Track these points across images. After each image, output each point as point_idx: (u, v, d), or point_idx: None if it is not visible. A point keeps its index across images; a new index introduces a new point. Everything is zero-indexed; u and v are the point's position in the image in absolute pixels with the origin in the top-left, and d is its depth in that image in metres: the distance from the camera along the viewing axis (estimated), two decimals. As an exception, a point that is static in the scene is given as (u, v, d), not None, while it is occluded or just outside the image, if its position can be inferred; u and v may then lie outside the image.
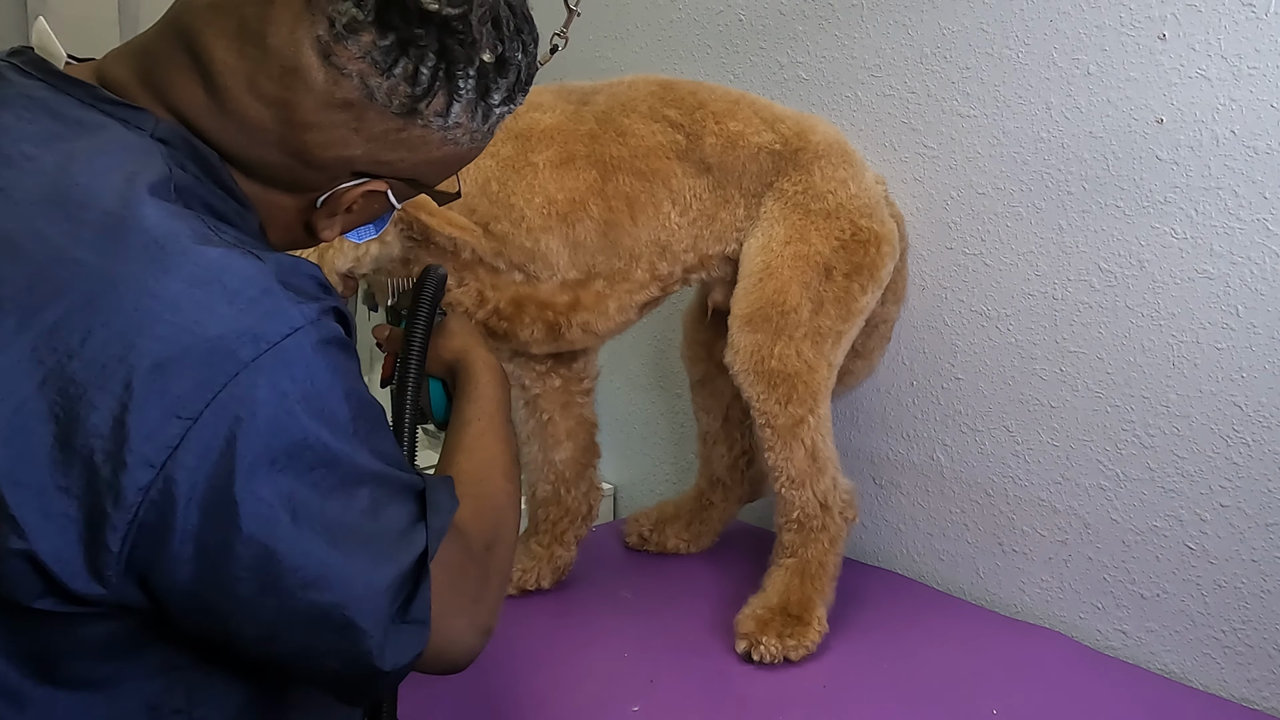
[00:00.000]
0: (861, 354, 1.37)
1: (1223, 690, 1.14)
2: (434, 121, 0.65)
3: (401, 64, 0.62)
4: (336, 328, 0.61)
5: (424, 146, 0.67)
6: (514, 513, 0.81)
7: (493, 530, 0.75)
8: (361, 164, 0.66)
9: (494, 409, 0.88)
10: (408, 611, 0.61)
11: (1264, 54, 1.05)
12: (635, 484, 1.96)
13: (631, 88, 1.21)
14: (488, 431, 0.86)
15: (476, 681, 1.11)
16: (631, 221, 1.16)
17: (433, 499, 0.65)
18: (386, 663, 0.60)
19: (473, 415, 0.87)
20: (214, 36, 0.61)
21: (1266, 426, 1.09)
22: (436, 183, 0.74)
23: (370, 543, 0.59)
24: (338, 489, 0.58)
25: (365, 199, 0.70)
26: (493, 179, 1.12)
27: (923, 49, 1.35)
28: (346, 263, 1.03)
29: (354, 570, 0.58)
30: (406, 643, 0.61)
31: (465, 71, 0.64)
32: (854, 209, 1.19)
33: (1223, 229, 1.09)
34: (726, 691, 1.10)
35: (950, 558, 1.41)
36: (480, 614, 0.69)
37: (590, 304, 1.18)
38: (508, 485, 0.82)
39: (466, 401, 0.89)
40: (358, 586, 0.58)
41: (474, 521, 0.74)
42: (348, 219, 0.72)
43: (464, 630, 0.67)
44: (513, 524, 0.79)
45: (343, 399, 0.59)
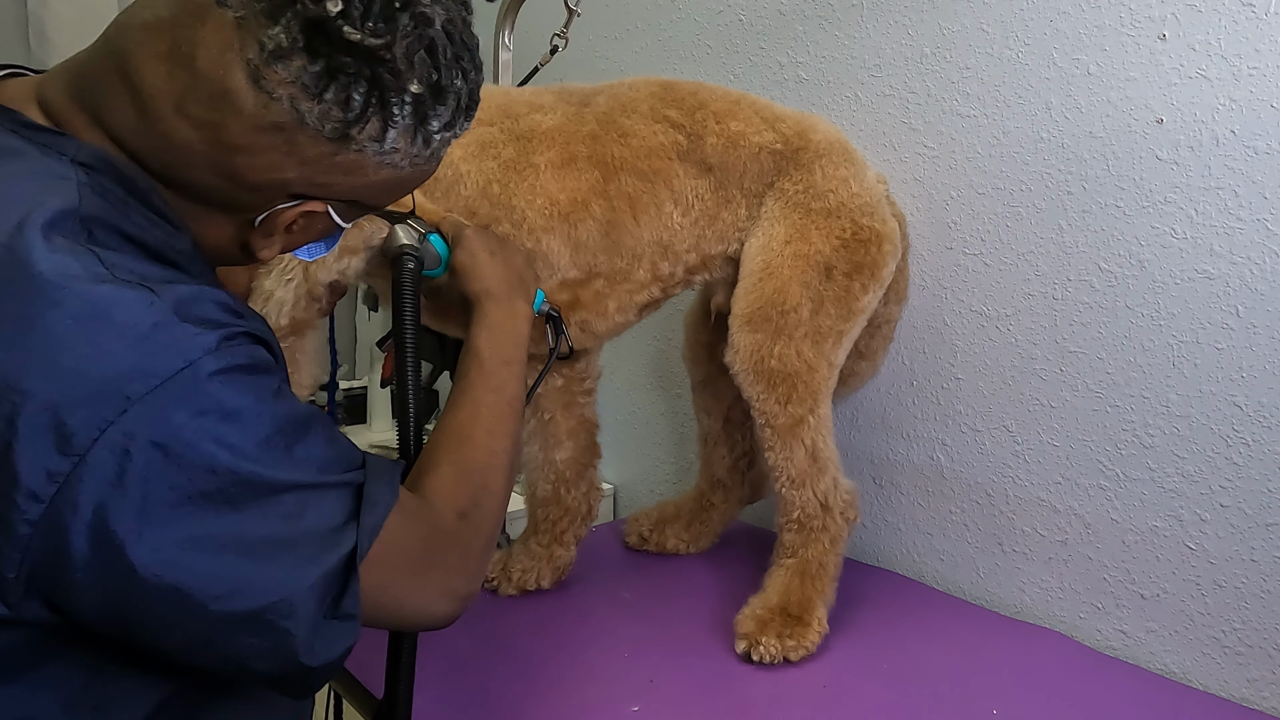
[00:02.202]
0: (865, 354, 1.37)
1: (1223, 690, 1.14)
2: (369, 146, 0.65)
3: (332, 89, 0.62)
4: (244, 352, 0.61)
5: (360, 170, 0.67)
6: (498, 470, 0.82)
7: (470, 496, 0.77)
8: (296, 186, 0.66)
9: (490, 360, 0.89)
10: (338, 607, 0.63)
11: (1264, 54, 1.05)
12: (635, 484, 1.96)
13: (632, 89, 1.21)
14: (478, 383, 0.87)
15: (476, 681, 1.11)
16: (634, 221, 1.16)
17: (370, 494, 0.66)
18: (315, 659, 0.62)
19: (469, 367, 0.89)
20: (145, 58, 0.61)
21: (1266, 426, 1.09)
22: (384, 203, 0.74)
23: (291, 547, 0.61)
24: (249, 505, 0.59)
25: (306, 219, 0.70)
26: (494, 181, 1.12)
27: (923, 49, 1.35)
28: (329, 275, 1.02)
29: (273, 576, 0.60)
30: (335, 638, 0.63)
31: (400, 99, 0.64)
32: (855, 208, 1.19)
33: (1223, 229, 1.10)
34: (726, 691, 1.10)
35: (950, 558, 1.41)
36: (452, 581, 0.73)
37: (589, 303, 1.18)
38: (491, 442, 0.83)
39: (466, 352, 0.90)
40: (278, 591, 0.60)
41: (447, 490, 0.77)
42: (289, 239, 0.72)
43: (432, 600, 0.71)
44: (496, 483, 0.81)
45: (251, 422, 0.60)
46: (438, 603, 0.72)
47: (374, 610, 0.67)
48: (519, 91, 1.24)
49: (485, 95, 1.18)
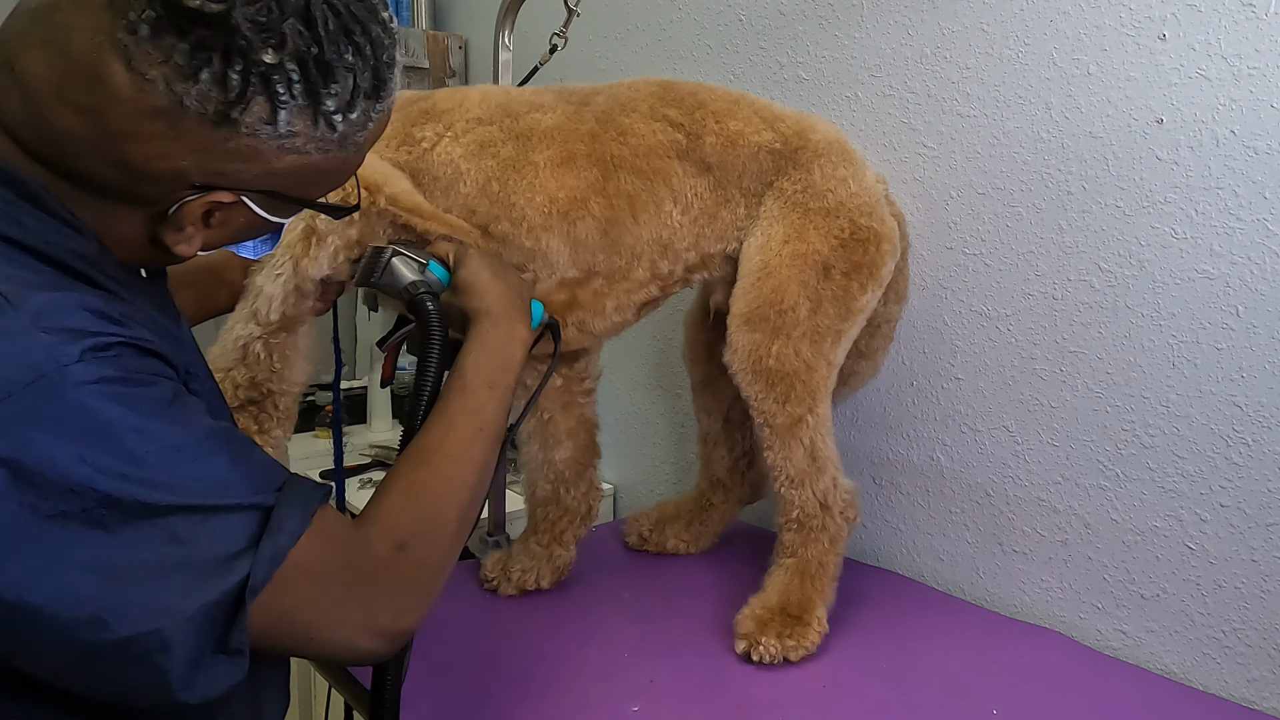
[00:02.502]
0: (865, 354, 1.37)
1: (1223, 690, 1.14)
2: (262, 130, 0.62)
3: (207, 69, 0.59)
4: (118, 363, 0.58)
5: (259, 158, 0.64)
6: (454, 499, 0.77)
7: (412, 526, 0.72)
8: (196, 175, 0.63)
9: (473, 382, 0.85)
10: (225, 642, 0.59)
11: (1264, 54, 1.05)
12: (635, 484, 1.96)
13: (632, 88, 1.22)
14: (455, 405, 0.83)
15: (476, 680, 1.11)
16: (633, 220, 1.16)
17: (276, 519, 0.63)
18: (194, 695, 0.58)
19: (450, 386, 0.85)
20: (26, 46, 0.60)
21: (1266, 426, 1.09)
22: (312, 194, 0.71)
23: (170, 574, 0.58)
24: (121, 527, 0.56)
25: (224, 212, 0.67)
26: (493, 179, 1.12)
27: (923, 49, 1.35)
28: (320, 271, 1.02)
29: (145, 605, 0.56)
30: (217, 674, 0.59)
31: (284, 76, 0.61)
32: (854, 207, 1.19)
33: (1223, 229, 1.09)
34: (726, 691, 1.10)
35: (950, 558, 1.41)
36: (378, 616, 0.68)
37: (587, 303, 1.18)
38: (452, 468, 0.78)
39: (452, 371, 0.87)
40: (149, 621, 0.56)
41: (389, 518, 0.72)
42: (211, 234, 0.69)
43: (350, 635, 0.67)
44: (449, 513, 0.76)
45: (124, 438, 0.57)
46: (358, 638, 0.67)
47: (278, 640, 0.64)
48: (519, 91, 1.24)
49: (486, 94, 1.20)
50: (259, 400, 1.02)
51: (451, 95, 1.18)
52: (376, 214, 1.03)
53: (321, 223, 1.01)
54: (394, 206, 1.03)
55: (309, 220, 1.01)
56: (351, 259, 1.03)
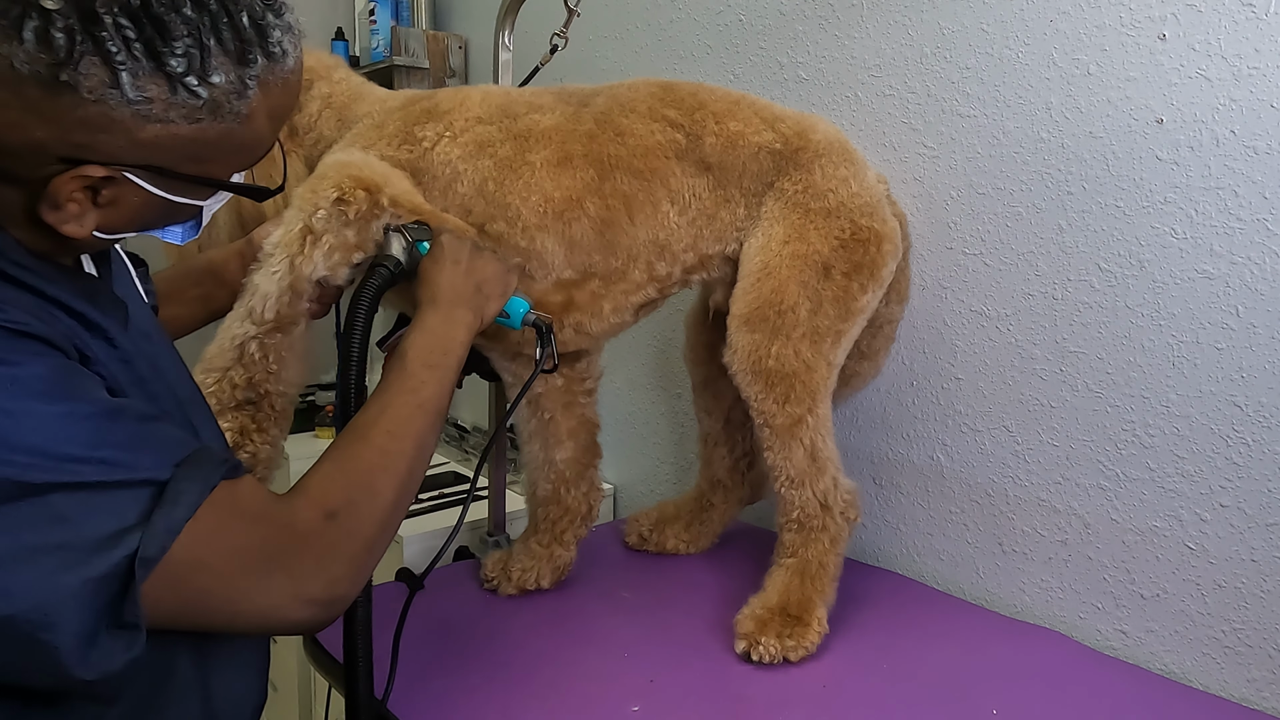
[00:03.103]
0: (867, 355, 1.37)
1: (1223, 690, 1.14)
2: (108, 96, 0.60)
3: (29, 27, 0.57)
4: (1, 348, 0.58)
5: (118, 127, 0.61)
6: (389, 472, 0.76)
7: (344, 495, 0.72)
8: (56, 147, 0.61)
9: (412, 362, 0.85)
10: (117, 617, 0.59)
11: (1264, 54, 1.05)
12: (635, 484, 1.96)
13: (632, 89, 1.22)
14: (394, 384, 0.83)
15: (476, 680, 1.11)
16: (629, 220, 1.16)
17: (172, 492, 0.62)
18: (90, 672, 0.58)
19: (389, 367, 0.85)
20: None
21: (1266, 426, 1.09)
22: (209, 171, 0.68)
23: (52, 552, 0.57)
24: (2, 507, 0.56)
25: (115, 190, 0.65)
26: (490, 179, 1.12)
27: (923, 49, 1.35)
28: (317, 271, 1.01)
29: (25, 582, 0.56)
30: (111, 649, 0.59)
31: (114, 34, 0.59)
32: (854, 208, 1.19)
33: (1223, 229, 1.09)
34: (726, 691, 1.10)
35: (950, 558, 1.41)
36: (307, 584, 0.67)
37: (584, 304, 1.18)
38: (388, 442, 0.77)
39: (393, 354, 0.87)
40: (31, 598, 0.56)
41: (319, 487, 0.72)
42: (107, 215, 0.67)
43: (280, 604, 0.66)
44: (384, 485, 0.75)
45: (20, 422, 0.57)
46: (289, 607, 0.67)
47: (200, 616, 0.64)
48: (520, 91, 1.24)
49: (487, 94, 1.20)
50: (256, 400, 1.02)
51: (453, 95, 1.19)
52: (377, 213, 1.03)
53: (317, 222, 1.01)
54: (394, 207, 1.03)
55: (307, 220, 1.01)
56: (350, 262, 1.03)
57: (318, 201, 1.01)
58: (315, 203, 1.01)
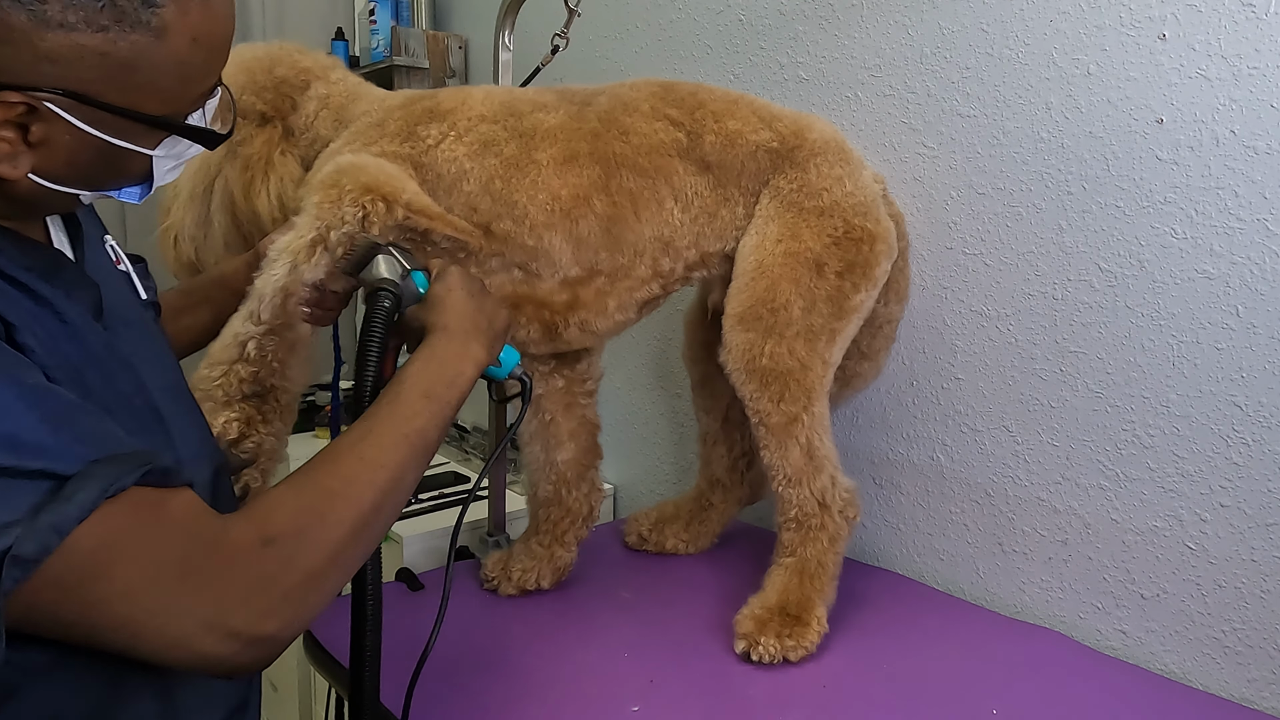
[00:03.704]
0: (867, 355, 1.37)
1: (1223, 690, 1.14)
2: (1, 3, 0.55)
3: None
4: None
5: (15, 34, 0.57)
6: (350, 503, 0.68)
7: (291, 522, 0.65)
8: None
9: (410, 390, 0.78)
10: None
11: (1264, 54, 1.05)
12: (635, 484, 1.96)
13: (633, 89, 1.22)
14: (383, 409, 0.76)
15: (477, 680, 1.11)
16: (635, 217, 1.16)
17: (67, 490, 0.55)
18: None
19: (384, 392, 0.79)
20: None
21: (1266, 426, 1.09)
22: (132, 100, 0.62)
23: None
24: None
25: (44, 128, 0.60)
26: (496, 177, 1.13)
27: (923, 49, 1.35)
28: (318, 274, 1.01)
29: None
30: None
31: None
32: (848, 207, 1.19)
33: (1223, 229, 1.09)
34: (726, 691, 1.10)
35: (950, 558, 1.41)
36: (228, 614, 0.60)
37: (589, 302, 1.18)
38: (358, 470, 0.70)
39: (393, 378, 0.81)
40: None
41: (264, 509, 0.65)
42: (41, 156, 0.62)
43: (190, 632, 0.59)
44: (341, 515, 0.67)
45: None
46: (200, 637, 0.59)
47: (97, 631, 0.58)
48: (522, 91, 1.24)
49: (489, 94, 1.20)
50: (261, 394, 1.03)
51: (455, 94, 1.19)
52: (393, 223, 1.03)
53: (334, 235, 1.00)
54: (409, 211, 1.03)
55: (323, 231, 1.01)
56: None
57: (342, 216, 1.01)
58: (339, 216, 1.01)
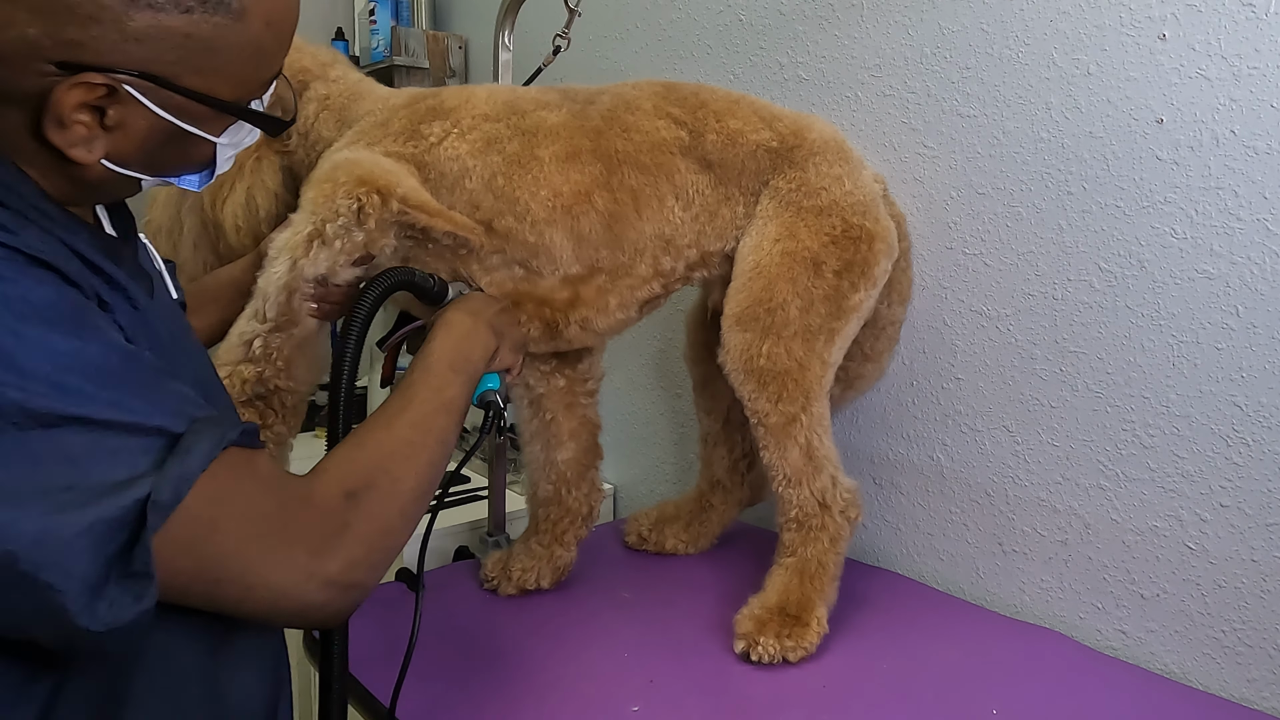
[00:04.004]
0: (871, 357, 1.37)
1: (1223, 690, 1.14)
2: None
3: None
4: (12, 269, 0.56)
5: (106, 13, 0.59)
6: (409, 460, 0.73)
7: (365, 477, 0.69)
8: (50, 49, 0.58)
9: (436, 363, 0.84)
10: (127, 564, 0.55)
11: (1264, 54, 1.05)
12: (635, 484, 1.96)
13: (636, 88, 1.23)
14: (418, 382, 0.82)
15: (477, 680, 1.11)
16: (636, 214, 1.16)
17: (186, 443, 0.58)
18: (97, 622, 0.54)
19: (414, 366, 0.85)
20: None
21: (1266, 426, 1.09)
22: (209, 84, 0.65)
23: (56, 493, 0.53)
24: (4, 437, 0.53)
25: (121, 111, 0.62)
26: (499, 174, 1.13)
27: (923, 49, 1.35)
28: (318, 269, 1.02)
29: (26, 519, 0.52)
30: (121, 599, 0.55)
31: None
32: (847, 206, 1.19)
33: (1223, 229, 1.10)
34: (726, 691, 1.10)
35: (950, 558, 1.41)
36: (324, 563, 0.63)
37: (591, 300, 1.18)
38: (412, 433, 0.75)
39: (414, 361, 0.86)
40: (34, 536, 0.52)
41: (339, 466, 0.69)
42: (115, 140, 0.64)
43: (293, 580, 0.62)
44: (404, 473, 0.72)
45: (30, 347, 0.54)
46: (306, 586, 0.62)
47: (215, 586, 0.60)
48: (525, 90, 1.25)
49: (492, 93, 1.20)
50: (265, 396, 1.03)
51: (458, 93, 1.19)
52: (389, 216, 1.04)
53: (331, 229, 1.01)
54: (404, 204, 1.04)
55: (318, 225, 1.02)
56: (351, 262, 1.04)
57: (337, 209, 1.02)
58: (334, 210, 1.02)
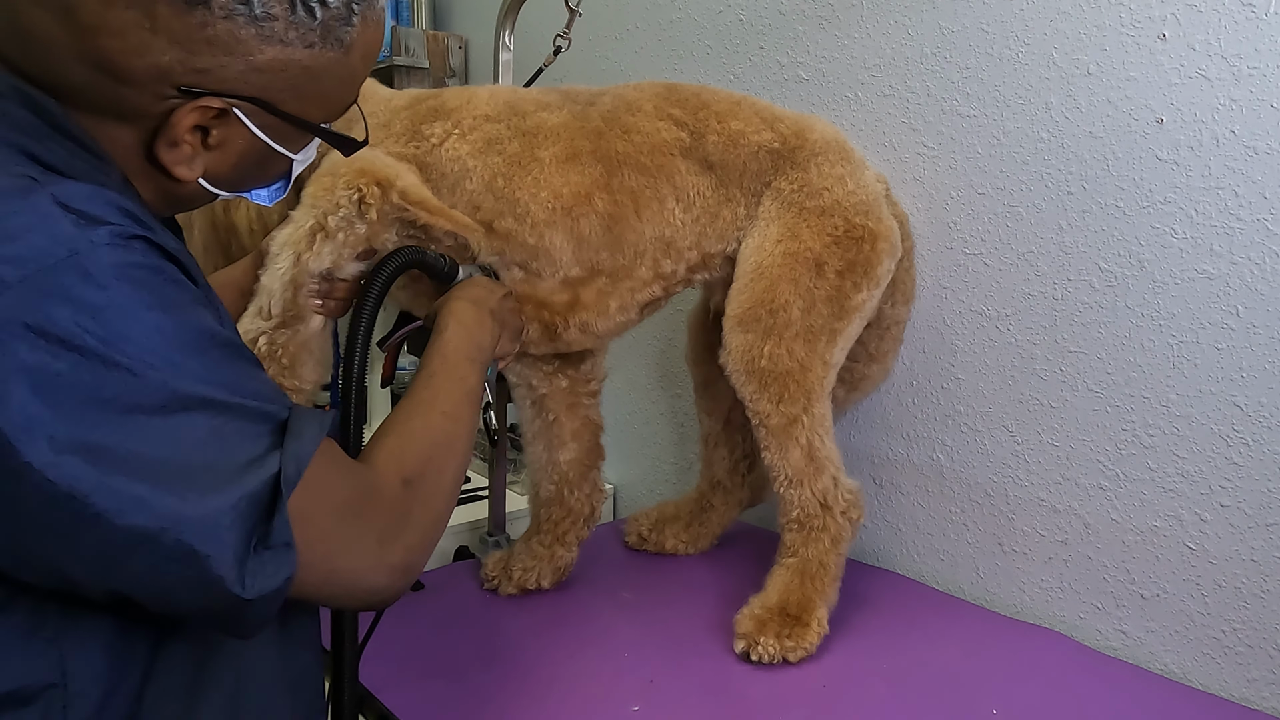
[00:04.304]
0: (876, 358, 1.37)
1: (1223, 690, 1.14)
2: (236, 10, 0.61)
3: None
4: (144, 253, 0.58)
5: (240, 47, 0.63)
6: (450, 450, 0.77)
7: (416, 465, 0.72)
8: (179, 75, 0.62)
9: (454, 354, 0.88)
10: (267, 536, 0.58)
11: (1264, 54, 1.05)
12: (636, 484, 1.96)
13: (637, 90, 1.23)
14: (439, 373, 0.84)
15: (477, 680, 1.11)
16: (636, 216, 1.16)
17: (295, 426, 0.62)
18: (249, 590, 0.57)
19: (432, 355, 0.87)
20: None
21: (1266, 426, 1.09)
22: (306, 108, 0.69)
23: (201, 470, 0.57)
24: (152, 416, 0.56)
25: (224, 131, 0.66)
26: (499, 175, 1.13)
27: (923, 49, 1.35)
28: (322, 263, 1.02)
29: (181, 497, 0.55)
30: (270, 568, 0.58)
31: None
32: (849, 206, 1.19)
33: (1223, 229, 1.09)
34: (726, 691, 1.10)
35: (950, 558, 1.41)
36: (391, 551, 0.67)
37: (590, 302, 1.18)
38: (447, 424, 0.78)
39: (429, 353, 0.89)
40: (187, 511, 0.55)
41: (393, 455, 0.72)
42: (213, 157, 0.68)
43: (366, 568, 0.66)
44: (448, 462, 0.76)
45: (154, 327, 0.56)
46: (374, 571, 0.66)
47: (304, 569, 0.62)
48: (526, 91, 1.25)
49: (494, 94, 1.20)
50: None
51: (460, 94, 1.19)
52: (389, 209, 1.04)
53: (332, 221, 1.03)
54: (404, 200, 1.04)
55: (320, 218, 1.02)
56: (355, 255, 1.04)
57: (337, 200, 1.03)
58: (335, 201, 1.03)
